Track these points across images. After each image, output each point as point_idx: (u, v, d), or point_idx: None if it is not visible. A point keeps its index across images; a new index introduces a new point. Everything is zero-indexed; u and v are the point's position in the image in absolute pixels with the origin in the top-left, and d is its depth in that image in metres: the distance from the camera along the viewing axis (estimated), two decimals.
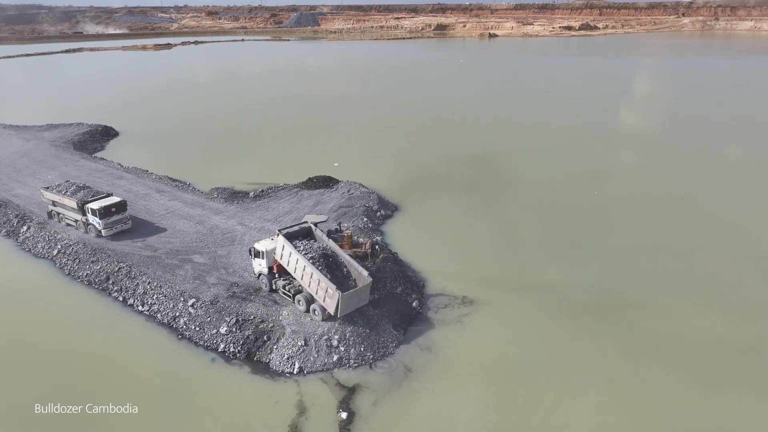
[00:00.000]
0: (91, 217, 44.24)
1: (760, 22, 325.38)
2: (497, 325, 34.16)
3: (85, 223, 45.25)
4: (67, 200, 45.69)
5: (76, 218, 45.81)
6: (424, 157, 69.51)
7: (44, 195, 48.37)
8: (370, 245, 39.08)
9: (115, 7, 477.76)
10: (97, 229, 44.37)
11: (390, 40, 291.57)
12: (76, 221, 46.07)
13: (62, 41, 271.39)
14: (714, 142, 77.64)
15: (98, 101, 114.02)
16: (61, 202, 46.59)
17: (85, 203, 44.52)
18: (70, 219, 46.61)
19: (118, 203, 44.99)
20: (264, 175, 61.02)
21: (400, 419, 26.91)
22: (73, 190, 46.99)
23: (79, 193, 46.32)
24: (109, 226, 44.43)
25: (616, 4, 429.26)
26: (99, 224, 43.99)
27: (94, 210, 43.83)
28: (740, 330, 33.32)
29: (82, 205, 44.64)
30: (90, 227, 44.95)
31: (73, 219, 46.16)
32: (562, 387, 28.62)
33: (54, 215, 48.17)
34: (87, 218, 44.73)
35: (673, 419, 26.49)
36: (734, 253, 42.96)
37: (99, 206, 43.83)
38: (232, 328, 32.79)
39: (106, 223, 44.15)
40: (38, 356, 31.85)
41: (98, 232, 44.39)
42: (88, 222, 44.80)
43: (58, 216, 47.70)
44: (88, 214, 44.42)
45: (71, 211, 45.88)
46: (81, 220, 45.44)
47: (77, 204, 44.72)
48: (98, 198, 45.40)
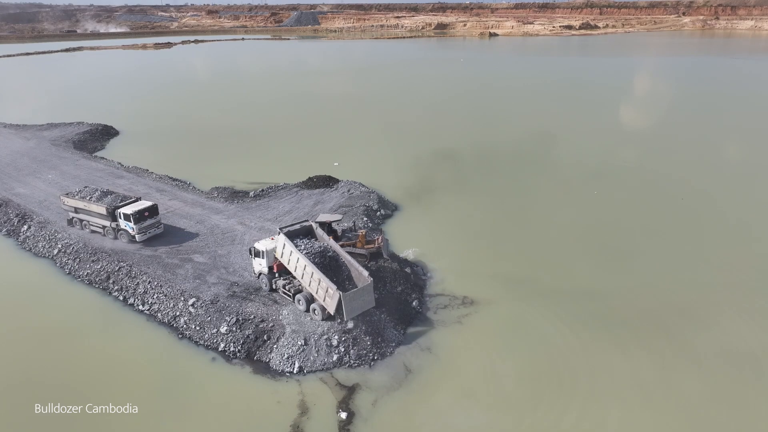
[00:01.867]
0: (124, 222, 42.80)
1: (761, 22, 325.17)
2: (497, 326, 34.20)
3: (115, 229, 43.73)
4: (95, 206, 44.02)
5: (104, 224, 44.22)
6: (424, 156, 69.52)
7: (65, 202, 46.35)
8: (381, 239, 39.15)
9: (115, 5, 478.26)
10: (130, 234, 42.94)
11: (390, 39, 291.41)
12: (103, 227, 44.42)
13: (61, 40, 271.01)
14: (723, 141, 77.66)
15: (98, 100, 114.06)
16: (86, 209, 44.81)
17: (116, 208, 43.16)
18: (96, 226, 44.91)
19: (150, 207, 43.59)
20: (264, 175, 61.06)
21: (400, 419, 26.97)
22: (98, 195, 45.39)
23: (105, 199, 44.78)
24: (143, 231, 43.10)
25: (616, 3, 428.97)
26: (133, 229, 42.52)
27: (127, 215, 42.32)
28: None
29: (112, 210, 43.20)
30: (121, 233, 43.46)
31: (100, 225, 44.52)
32: (561, 388, 28.70)
33: (75, 222, 46.30)
34: (118, 224, 43.35)
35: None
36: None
37: (132, 211, 42.28)
38: (232, 327, 32.87)
39: (140, 228, 42.72)
40: (38, 356, 31.91)
41: (131, 237, 42.99)
42: (119, 228, 43.35)
43: (81, 223, 45.88)
44: (119, 219, 42.91)
45: (98, 217, 44.29)
46: (110, 227, 43.87)
47: (107, 210, 43.19)
48: (128, 203, 43.98)
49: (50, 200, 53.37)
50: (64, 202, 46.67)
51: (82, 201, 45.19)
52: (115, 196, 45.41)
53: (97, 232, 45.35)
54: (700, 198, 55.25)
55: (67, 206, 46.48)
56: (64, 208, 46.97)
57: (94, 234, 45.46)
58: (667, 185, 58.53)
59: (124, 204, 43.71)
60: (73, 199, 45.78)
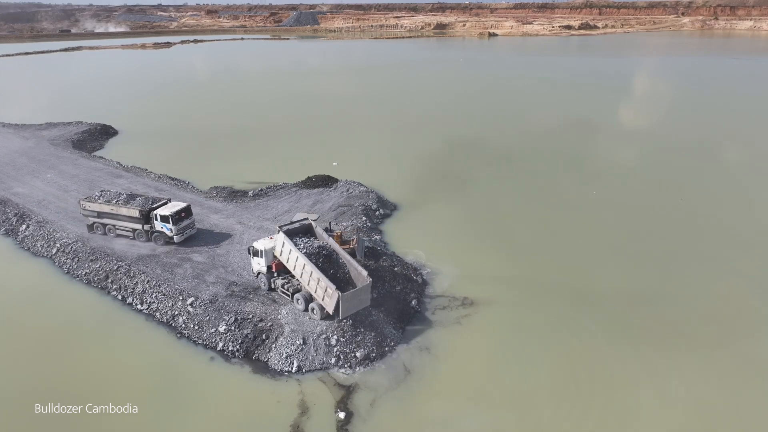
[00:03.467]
0: (160, 224, 42.55)
1: (760, 22, 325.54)
2: (497, 327, 34.14)
3: (148, 231, 43.40)
4: (125, 209, 43.42)
5: (135, 227, 43.63)
6: (424, 156, 69.51)
7: (87, 207, 44.94)
8: (357, 240, 39.11)
9: (114, 5, 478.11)
10: (167, 236, 42.73)
11: (390, 39, 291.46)
12: (133, 231, 43.81)
13: (56, 40, 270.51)
14: (722, 141, 77.75)
15: (97, 100, 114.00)
16: (114, 212, 43.88)
17: (151, 210, 43.01)
18: (125, 229, 44.15)
19: (185, 208, 43.65)
20: (263, 174, 61.04)
21: (398, 420, 26.94)
22: (125, 198, 44.62)
23: (133, 202, 44.15)
24: (181, 232, 43.06)
25: (615, 4, 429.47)
26: (171, 230, 42.39)
27: (165, 216, 42.16)
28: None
29: (147, 212, 42.96)
30: (156, 235, 43.19)
31: (130, 229, 43.83)
32: (560, 389, 28.70)
33: (97, 227, 45.11)
34: (153, 226, 43.07)
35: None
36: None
37: (171, 212, 42.16)
38: (230, 326, 32.85)
39: (178, 229, 42.69)
40: (38, 356, 31.86)
41: (169, 238, 42.79)
42: (155, 230, 43.07)
43: (104, 228, 44.81)
44: (155, 221, 42.66)
45: (128, 221, 43.62)
46: (142, 230, 43.45)
47: (140, 212, 42.77)
48: (161, 204, 44.04)
49: (49, 200, 53.34)
50: (84, 207, 45.12)
51: (108, 205, 44.03)
52: (144, 199, 44.90)
53: (124, 236, 44.41)
54: (700, 198, 55.30)
55: (89, 211, 44.93)
56: (84, 213, 45.32)
57: (92, 234, 45.28)
58: (667, 185, 58.55)
59: (159, 206, 43.58)
60: (96, 203, 44.52)
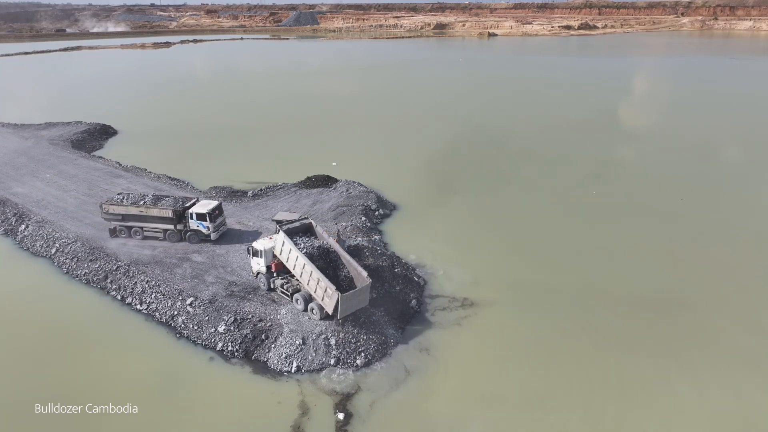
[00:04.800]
0: (196, 222, 42.91)
1: (759, 22, 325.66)
2: (497, 328, 34.09)
3: (182, 230, 43.64)
4: (156, 210, 43.37)
5: (166, 228, 43.69)
6: (423, 156, 69.52)
7: (111, 210, 44.15)
8: (337, 240, 39.08)
9: (114, 5, 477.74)
10: (204, 234, 43.15)
11: (389, 39, 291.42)
12: (164, 231, 43.86)
13: (53, 40, 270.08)
14: (722, 141, 77.76)
15: (97, 100, 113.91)
16: (143, 214, 43.64)
17: (185, 209, 43.36)
18: (153, 231, 44.03)
19: (218, 206, 44.31)
20: (262, 174, 61.01)
21: (398, 421, 26.90)
22: (152, 200, 44.64)
23: (162, 203, 44.24)
24: (216, 229, 43.59)
25: (615, 4, 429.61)
26: (208, 228, 42.89)
27: (202, 215, 42.64)
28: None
29: (181, 212, 43.31)
30: (191, 234, 43.46)
31: (161, 230, 43.85)
32: (560, 390, 28.69)
33: (121, 231, 44.47)
34: (188, 225, 43.28)
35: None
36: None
37: (207, 210, 42.73)
38: (230, 326, 32.83)
39: (214, 226, 43.27)
40: (38, 356, 31.83)
41: (205, 236, 43.18)
42: (189, 228, 43.34)
43: (130, 230, 44.28)
44: (191, 220, 42.98)
45: (159, 221, 43.57)
46: (174, 230, 43.64)
47: (173, 212, 42.90)
48: (192, 203, 44.20)
49: (48, 199, 53.29)
50: (108, 211, 44.21)
51: (135, 207, 43.69)
52: (174, 199, 45.15)
53: (152, 238, 44.26)
54: (700, 198, 55.32)
55: (112, 215, 44.26)
56: (107, 217, 44.55)
57: (98, 234, 45.06)
58: (667, 185, 58.58)
59: (190, 205, 43.95)
60: (122, 206, 43.97)
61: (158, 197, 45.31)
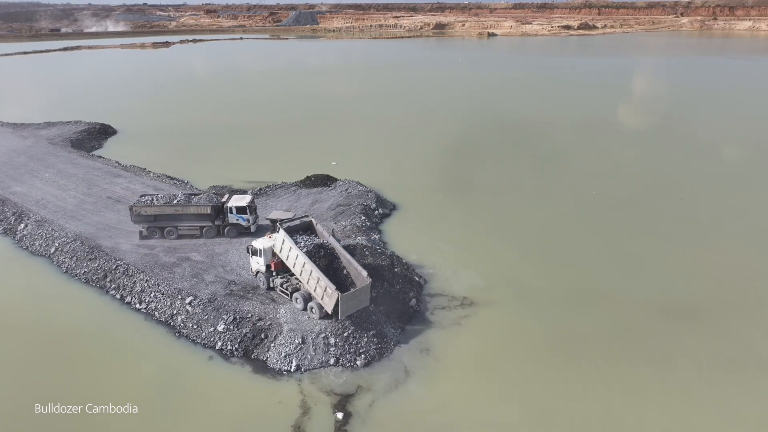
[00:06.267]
0: (236, 216, 43.96)
1: (758, 22, 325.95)
2: (497, 328, 34.00)
3: (221, 225, 44.32)
4: (193, 208, 43.78)
5: (203, 224, 44.15)
6: (423, 156, 69.51)
7: (144, 212, 43.62)
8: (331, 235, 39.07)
9: (113, 5, 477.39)
10: (243, 227, 44.26)
11: (389, 39, 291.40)
12: (201, 228, 44.22)
13: (53, 39, 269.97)
14: (722, 140, 77.79)
15: (96, 99, 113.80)
16: (179, 213, 43.80)
17: (224, 204, 44.21)
18: (190, 228, 44.26)
19: (252, 199, 45.74)
20: (262, 174, 60.99)
21: (398, 420, 26.83)
22: (184, 199, 44.84)
23: (197, 200, 44.57)
24: (255, 221, 45.07)
25: (614, 4, 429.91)
26: (248, 221, 44.17)
27: (242, 208, 43.83)
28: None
29: (221, 207, 44.05)
30: (230, 228, 44.25)
31: (197, 227, 44.23)
32: (560, 391, 28.64)
33: (153, 232, 44.02)
34: (227, 219, 44.12)
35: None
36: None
37: (246, 203, 44.02)
38: (229, 325, 32.79)
39: (254, 218, 44.70)
40: (37, 356, 31.75)
41: (245, 229, 44.27)
42: (228, 223, 44.23)
43: (163, 231, 44.03)
44: (230, 214, 43.94)
45: (196, 219, 44.01)
46: (212, 225, 44.14)
47: (212, 208, 43.58)
48: (227, 199, 44.96)
49: (47, 199, 53.24)
50: (139, 213, 43.62)
51: (170, 207, 43.73)
52: (207, 196, 45.66)
53: (187, 237, 44.41)
54: (699, 198, 55.31)
55: (144, 216, 43.72)
56: (137, 220, 43.94)
57: (97, 233, 45.06)
58: (667, 185, 58.56)
59: (225, 200, 44.83)
60: (155, 207, 43.67)
61: (189, 195, 46.02)
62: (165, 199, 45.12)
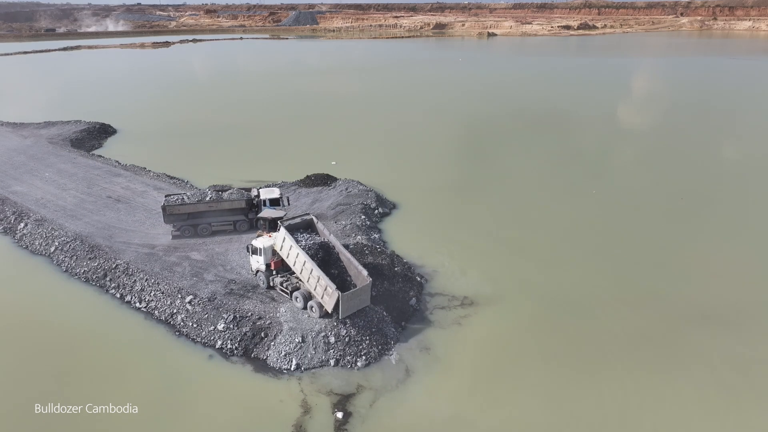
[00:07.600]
0: (270, 208, 44.61)
1: (758, 22, 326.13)
2: (497, 328, 33.95)
3: (253, 218, 44.79)
4: (227, 204, 44.20)
5: (237, 219, 44.58)
6: (423, 155, 69.51)
7: (177, 211, 43.46)
8: None
9: (113, 5, 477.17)
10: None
11: (389, 39, 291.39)
12: (234, 223, 44.57)
13: (51, 39, 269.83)
14: (722, 140, 77.78)
15: (96, 99, 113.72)
16: (214, 209, 44.06)
17: (256, 197, 44.93)
18: (224, 223, 44.58)
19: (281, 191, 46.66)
20: (262, 173, 60.95)
21: (397, 420, 26.80)
22: (214, 196, 44.97)
23: (230, 196, 44.96)
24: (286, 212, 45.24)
25: (614, 4, 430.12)
26: None
27: (275, 200, 44.88)
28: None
29: (255, 200, 44.60)
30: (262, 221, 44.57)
31: (231, 221, 44.57)
32: (560, 392, 28.63)
33: (185, 230, 43.89)
34: (260, 212, 44.52)
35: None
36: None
37: (279, 195, 45.11)
38: (229, 324, 32.78)
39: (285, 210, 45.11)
40: (37, 355, 31.71)
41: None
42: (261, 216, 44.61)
43: (196, 228, 44.04)
44: (264, 207, 44.55)
45: (230, 214, 44.49)
46: (246, 219, 44.72)
47: (246, 202, 44.17)
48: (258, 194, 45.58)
49: (47, 198, 53.20)
50: (172, 212, 43.41)
51: (204, 204, 43.84)
52: (238, 191, 46.25)
53: (221, 232, 44.63)
54: (700, 198, 55.30)
55: (178, 215, 43.61)
56: (169, 220, 43.70)
57: (97, 232, 44.93)
58: (667, 185, 58.57)
59: (258, 195, 45.47)
60: (190, 205, 43.68)
61: (219, 190, 46.44)
62: (197, 196, 45.10)
